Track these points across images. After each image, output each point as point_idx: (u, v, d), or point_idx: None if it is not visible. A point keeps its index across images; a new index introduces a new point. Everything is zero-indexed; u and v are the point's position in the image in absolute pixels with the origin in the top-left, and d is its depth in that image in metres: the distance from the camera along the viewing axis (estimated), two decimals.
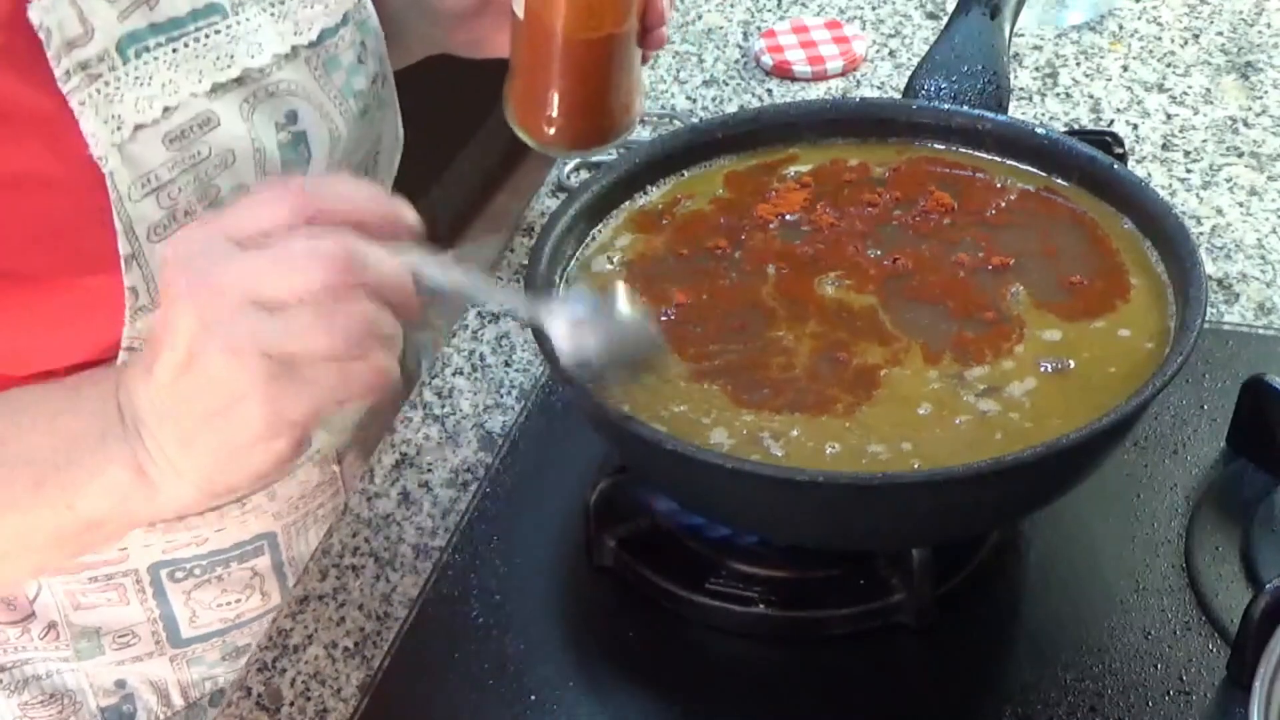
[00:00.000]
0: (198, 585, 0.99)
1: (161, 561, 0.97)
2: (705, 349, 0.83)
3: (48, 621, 0.99)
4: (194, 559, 0.98)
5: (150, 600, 0.99)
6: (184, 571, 0.98)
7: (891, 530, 0.80)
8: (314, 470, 1.01)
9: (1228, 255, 1.07)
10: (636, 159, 0.94)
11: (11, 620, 0.98)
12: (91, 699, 1.02)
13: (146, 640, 1.01)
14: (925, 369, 0.81)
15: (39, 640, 0.99)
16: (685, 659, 0.83)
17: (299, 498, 1.00)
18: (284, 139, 0.89)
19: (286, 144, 0.90)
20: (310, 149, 0.91)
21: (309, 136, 0.91)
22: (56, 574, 0.96)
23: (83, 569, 0.96)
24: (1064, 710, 0.79)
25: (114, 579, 0.97)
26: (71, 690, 1.02)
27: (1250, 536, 0.85)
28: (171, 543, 0.97)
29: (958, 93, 0.98)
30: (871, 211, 0.92)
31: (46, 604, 0.98)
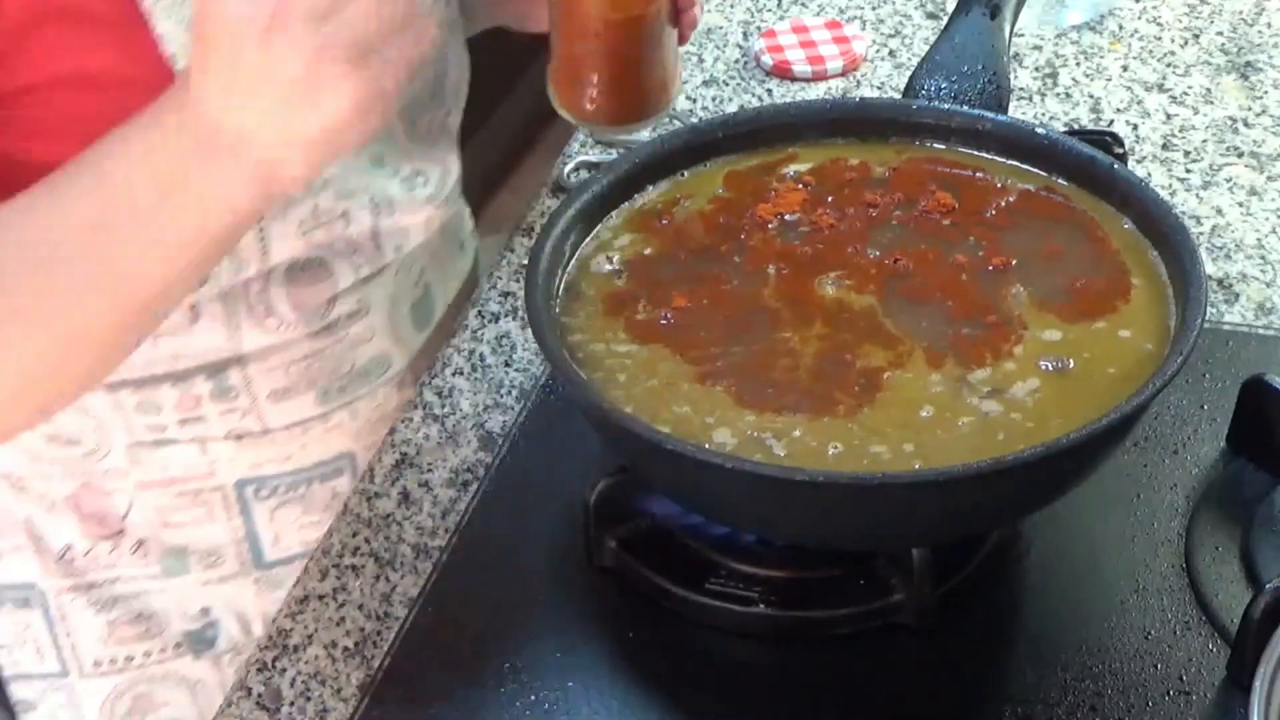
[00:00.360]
0: (281, 504, 1.03)
1: (247, 478, 1.01)
2: (708, 351, 0.83)
3: (137, 539, 1.02)
4: (278, 476, 1.02)
5: (236, 518, 1.02)
6: (268, 490, 1.02)
7: (891, 530, 0.80)
8: (392, 392, 1.04)
9: (1228, 255, 1.07)
10: (636, 159, 0.94)
11: (103, 535, 1.01)
12: (176, 622, 1.05)
13: (231, 561, 1.04)
14: (928, 371, 0.81)
15: (129, 556, 1.02)
16: (685, 659, 0.83)
17: (377, 419, 1.04)
18: None
19: None
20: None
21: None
22: (148, 489, 0.99)
23: (172, 483, 1.00)
24: (1064, 710, 0.79)
25: (201, 494, 1.01)
26: (157, 612, 1.05)
27: (1250, 536, 0.85)
28: (257, 458, 1.01)
29: (958, 93, 0.98)
30: (872, 212, 0.92)
31: (136, 521, 1.01)
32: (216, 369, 0.96)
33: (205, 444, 0.99)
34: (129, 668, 1.06)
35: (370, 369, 1.03)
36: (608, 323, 0.86)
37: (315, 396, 1.01)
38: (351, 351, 1.01)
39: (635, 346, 0.84)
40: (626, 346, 0.84)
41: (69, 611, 1.04)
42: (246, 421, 0.99)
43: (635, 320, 0.85)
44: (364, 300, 1.00)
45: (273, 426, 1.00)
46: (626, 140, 1.15)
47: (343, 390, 1.02)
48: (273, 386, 0.99)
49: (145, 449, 0.99)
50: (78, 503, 1.00)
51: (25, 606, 1.04)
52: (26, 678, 1.07)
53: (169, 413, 0.97)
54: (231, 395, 0.98)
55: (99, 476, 1.00)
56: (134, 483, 1.00)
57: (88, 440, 0.98)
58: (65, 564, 1.03)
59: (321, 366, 1.00)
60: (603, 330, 0.85)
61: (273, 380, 0.98)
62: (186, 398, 0.97)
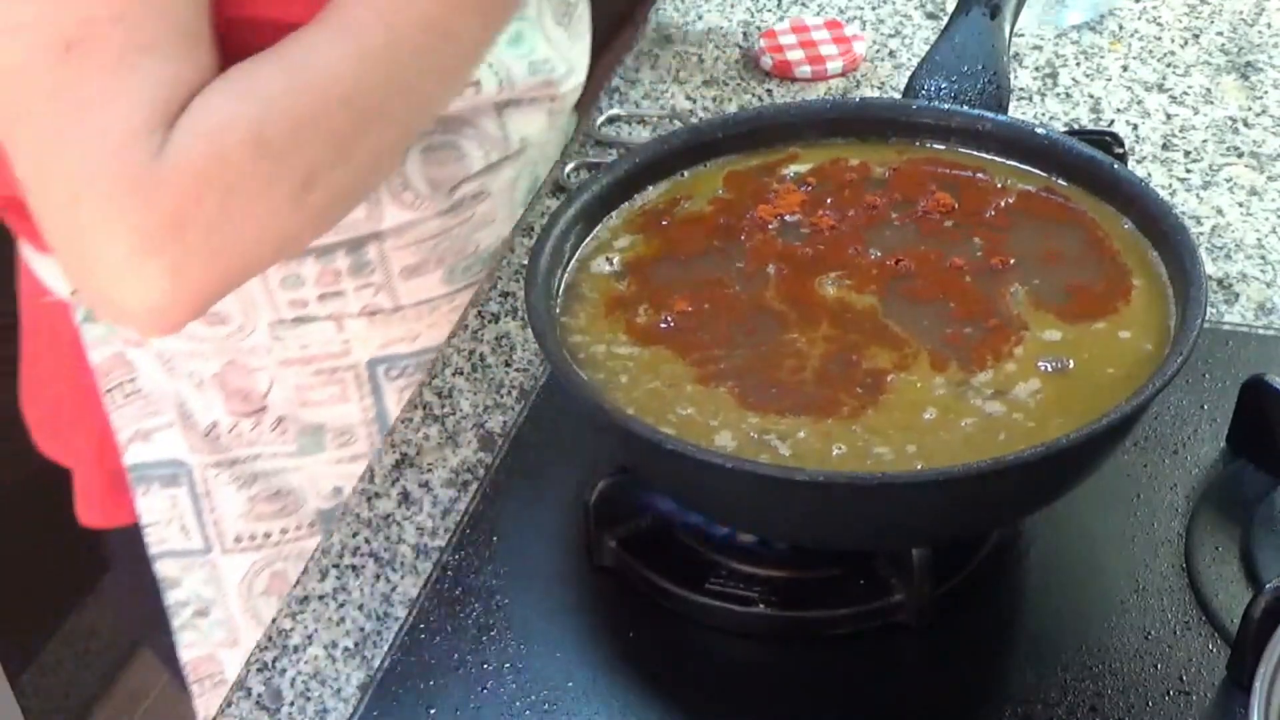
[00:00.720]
0: (409, 384, 1.09)
1: (378, 358, 1.08)
2: (711, 353, 0.83)
3: (277, 416, 1.09)
4: (406, 356, 1.09)
5: (367, 398, 1.09)
6: (397, 370, 1.09)
7: (891, 530, 0.80)
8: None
9: (1228, 255, 1.07)
10: (636, 159, 0.94)
11: (246, 413, 1.08)
12: (311, 500, 1.12)
13: (362, 441, 1.10)
14: (931, 373, 0.81)
15: (269, 434, 1.09)
16: (685, 659, 0.83)
17: None
18: None
19: None
20: None
21: None
22: (288, 367, 1.07)
23: (310, 362, 1.07)
24: (1064, 710, 0.79)
25: (336, 373, 1.08)
26: (294, 489, 1.11)
27: (1250, 536, 0.85)
28: (387, 337, 1.08)
29: (958, 93, 0.98)
30: (872, 212, 0.92)
31: (276, 399, 1.08)
32: (356, 244, 1.04)
33: (341, 321, 1.07)
34: (266, 544, 1.12)
35: (493, 251, 1.11)
36: (609, 325, 0.85)
37: (442, 275, 1.08)
38: (476, 233, 1.09)
39: (637, 349, 0.84)
40: (629, 349, 0.84)
41: (213, 487, 1.11)
42: (380, 298, 1.07)
43: (637, 323, 0.85)
44: (487, 184, 1.08)
45: (403, 304, 1.07)
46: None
47: (467, 270, 1.10)
48: (404, 263, 1.06)
49: (286, 327, 1.06)
50: (224, 381, 1.07)
51: (173, 484, 1.11)
52: (172, 555, 1.13)
53: (310, 287, 1.04)
54: (368, 270, 1.05)
55: (244, 355, 1.07)
56: (275, 361, 1.07)
57: (235, 318, 1.05)
58: (211, 441, 1.09)
59: (449, 245, 1.07)
60: (604, 332, 0.85)
61: (405, 257, 1.06)
62: (327, 272, 1.04)
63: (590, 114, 1.23)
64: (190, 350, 1.06)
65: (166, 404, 1.08)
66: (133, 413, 1.09)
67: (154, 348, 1.07)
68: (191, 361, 1.07)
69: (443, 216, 1.06)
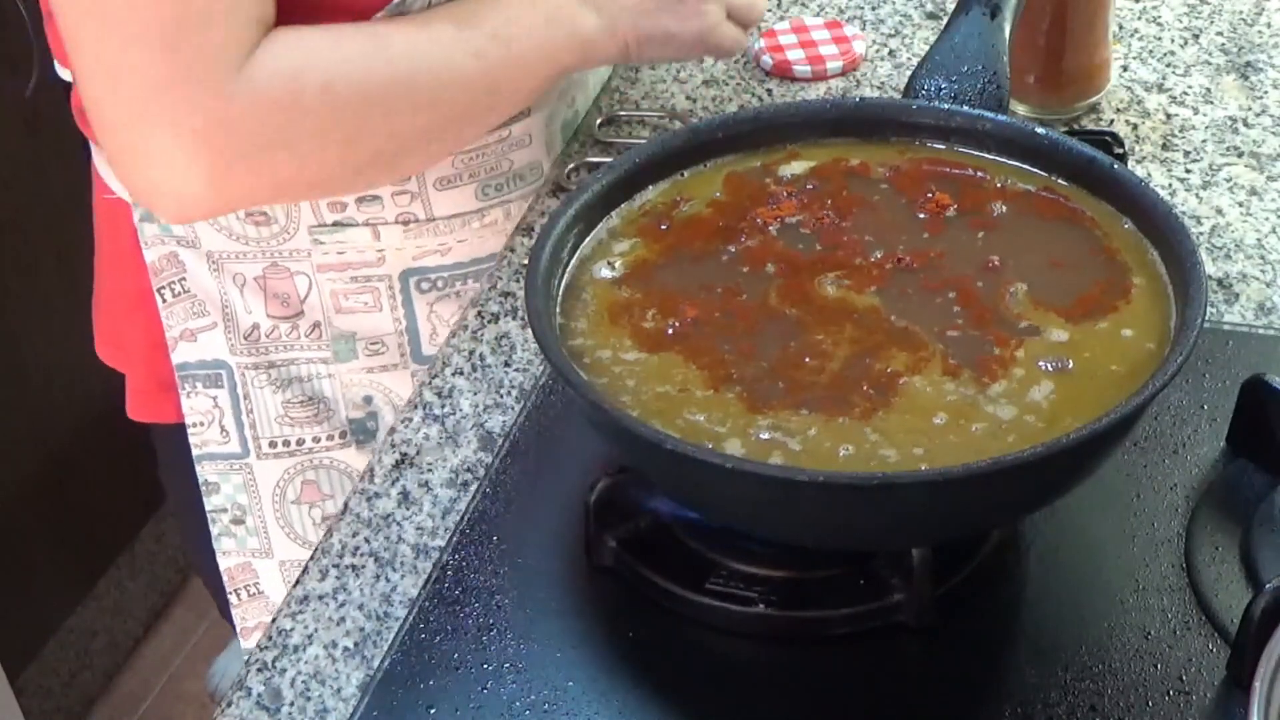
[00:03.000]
0: (439, 298, 1.15)
1: (411, 269, 1.13)
2: (719, 357, 0.83)
3: (314, 320, 1.14)
4: (438, 269, 1.14)
5: (399, 309, 1.14)
6: (429, 283, 1.14)
7: (891, 530, 0.80)
8: (543, 200, 1.14)
9: (1228, 255, 1.07)
10: (636, 159, 0.94)
11: (285, 315, 1.14)
12: (342, 409, 1.17)
13: (393, 351, 1.15)
14: (939, 375, 0.81)
15: (305, 338, 1.15)
16: (685, 659, 0.83)
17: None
18: None
19: None
20: None
21: None
22: (325, 271, 1.13)
23: (346, 268, 1.12)
24: (1064, 710, 0.79)
25: (371, 281, 1.13)
26: (327, 397, 1.17)
27: (1250, 536, 0.85)
28: (420, 249, 1.12)
29: (958, 93, 0.98)
30: (872, 212, 0.92)
31: (314, 304, 1.14)
32: None
33: (377, 228, 1.11)
34: (299, 451, 1.18)
35: (525, 173, 1.14)
36: (612, 329, 0.85)
37: (475, 190, 1.12)
38: (510, 152, 1.13)
39: (642, 354, 0.84)
40: (634, 354, 0.84)
41: (251, 389, 1.16)
42: (415, 207, 1.11)
43: (640, 327, 0.85)
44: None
45: (437, 215, 1.11)
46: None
47: (499, 189, 1.13)
48: (440, 174, 1.10)
49: (326, 230, 1.11)
50: (265, 283, 1.13)
51: (215, 385, 1.17)
52: (211, 458, 1.19)
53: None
54: (405, 178, 1.09)
55: (284, 257, 1.12)
56: (314, 265, 1.12)
57: (279, 219, 1.10)
58: (251, 342, 1.15)
59: (482, 161, 1.12)
60: (607, 336, 0.85)
61: (441, 168, 1.10)
62: None
63: (590, 114, 1.23)
64: (237, 251, 1.12)
65: (212, 304, 1.14)
66: (181, 311, 1.15)
67: (204, 247, 1.12)
68: (238, 263, 1.12)
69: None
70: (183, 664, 2.22)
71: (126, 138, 0.95)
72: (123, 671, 2.22)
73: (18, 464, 2.00)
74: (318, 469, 1.18)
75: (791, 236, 0.90)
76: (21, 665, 2.02)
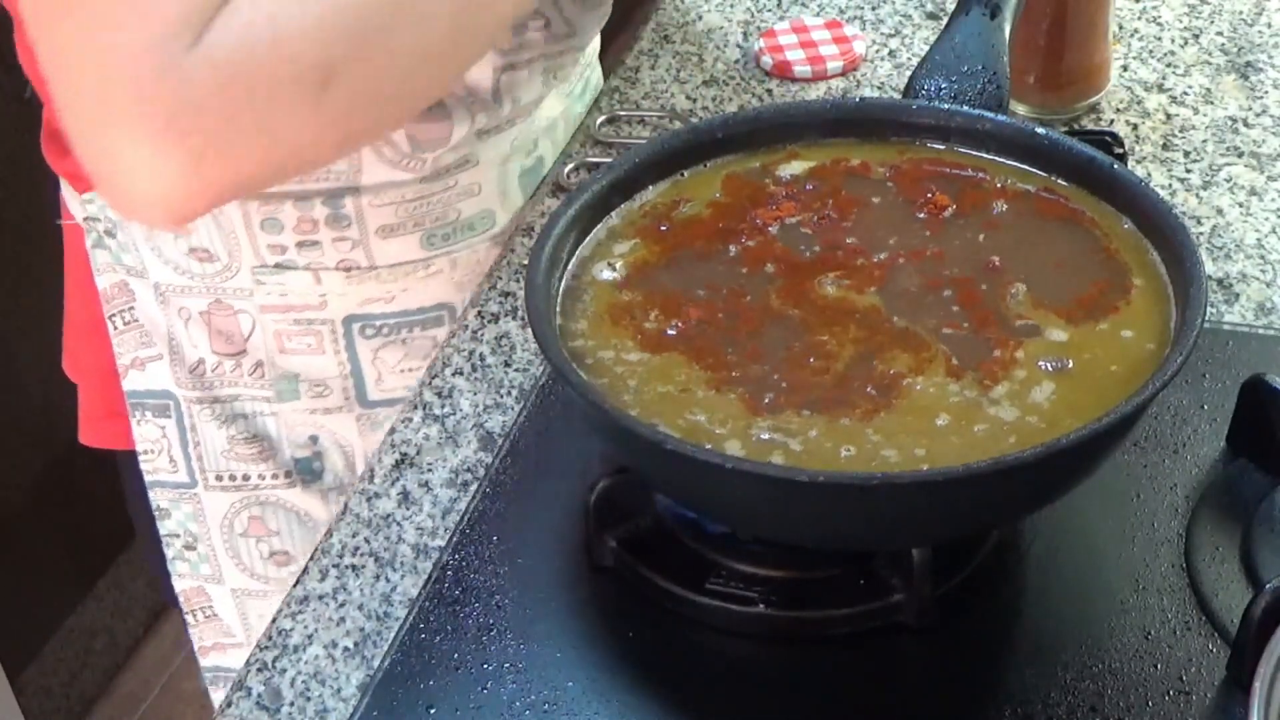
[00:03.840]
0: (384, 345, 1.11)
1: (354, 315, 1.10)
2: (720, 357, 0.83)
3: (256, 359, 1.11)
4: (382, 316, 1.10)
5: (343, 353, 1.11)
6: (373, 329, 1.11)
7: (891, 530, 0.80)
8: (492, 251, 1.11)
9: (1228, 255, 1.07)
10: (636, 159, 0.94)
11: (229, 352, 1.12)
12: (287, 448, 1.15)
13: (337, 394, 1.13)
14: (947, 379, 0.81)
15: (248, 376, 1.12)
16: (685, 659, 0.83)
17: (478, 275, 1.11)
18: None
19: None
20: None
21: None
22: (267, 313, 1.10)
23: (289, 310, 1.09)
24: (1064, 710, 0.79)
25: (314, 325, 1.10)
26: (271, 435, 1.14)
27: (1250, 536, 0.85)
28: (363, 295, 1.09)
29: (958, 93, 0.98)
30: (872, 213, 0.92)
31: (256, 343, 1.11)
32: (334, 195, 1.05)
33: (319, 273, 1.08)
34: (245, 486, 1.16)
35: (475, 222, 1.11)
36: (613, 330, 0.85)
37: (420, 239, 1.09)
38: (459, 201, 1.09)
39: (644, 354, 0.84)
40: (635, 354, 0.84)
41: (198, 422, 1.14)
42: (356, 254, 1.08)
43: (641, 327, 0.85)
44: (474, 154, 1.08)
45: (379, 263, 1.08)
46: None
47: (446, 238, 1.10)
48: (382, 222, 1.07)
49: (268, 271, 1.08)
50: (210, 319, 1.11)
51: (163, 415, 1.15)
52: (162, 485, 1.18)
53: (289, 233, 1.06)
54: (344, 224, 1.06)
55: (228, 295, 1.09)
56: (256, 305, 1.09)
57: (221, 257, 1.08)
58: (197, 376, 1.13)
59: (428, 210, 1.08)
60: (608, 336, 0.85)
61: (382, 216, 1.07)
62: (305, 220, 1.06)
63: (590, 114, 1.23)
64: (182, 285, 1.10)
65: (159, 336, 1.13)
66: (131, 340, 1.14)
67: (151, 279, 1.10)
68: (183, 297, 1.10)
69: (424, 182, 1.06)
70: (183, 664, 2.22)
71: (94, 144, 0.87)
72: (123, 671, 2.22)
73: (19, 464, 2.01)
74: (264, 505, 1.17)
75: (791, 237, 0.90)
76: (21, 665, 2.02)
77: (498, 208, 1.12)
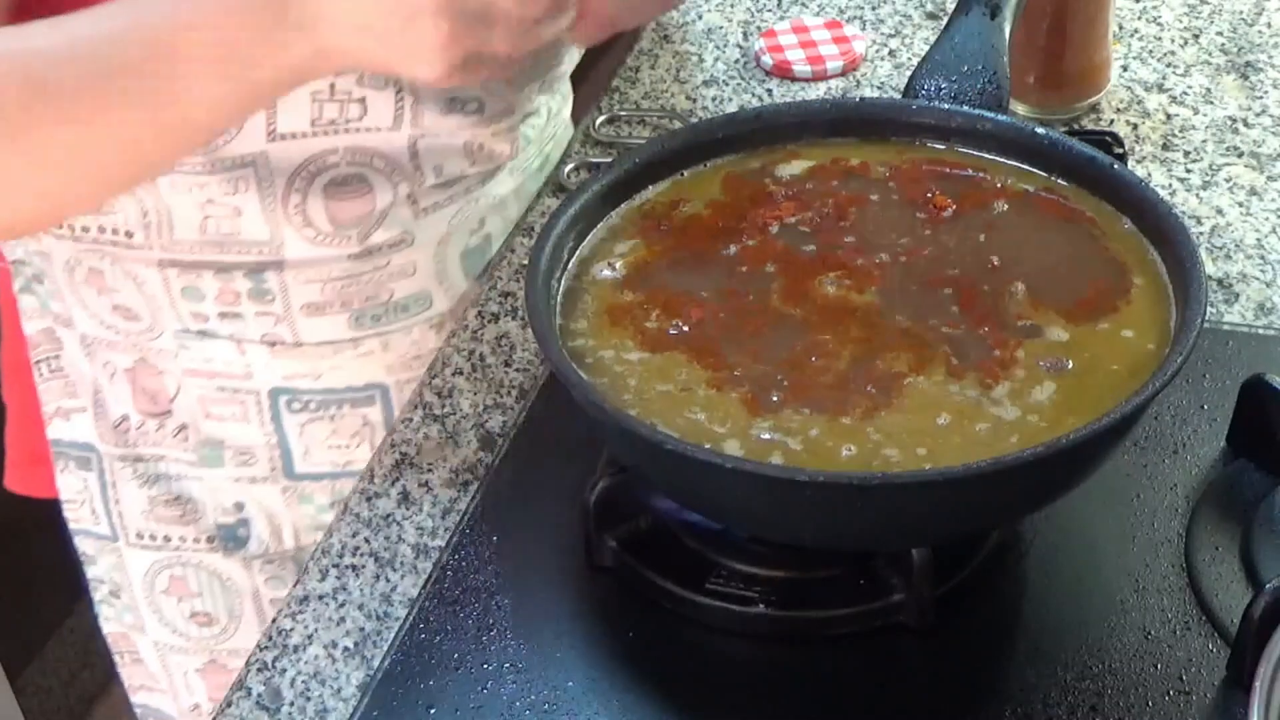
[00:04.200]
0: (312, 420, 1.07)
1: (281, 388, 1.05)
2: (720, 357, 0.83)
3: (180, 422, 1.07)
4: (309, 392, 1.06)
5: (268, 424, 1.06)
6: (300, 403, 1.06)
7: (891, 530, 0.80)
8: (430, 334, 1.06)
9: (1228, 255, 1.07)
10: (636, 159, 0.94)
11: (153, 413, 1.07)
12: (211, 513, 1.10)
13: (263, 464, 1.08)
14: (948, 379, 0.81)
15: (171, 438, 1.08)
16: (685, 659, 0.83)
17: (412, 357, 1.06)
18: None
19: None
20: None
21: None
22: (193, 377, 1.05)
23: (214, 377, 1.05)
24: (1064, 710, 0.79)
25: (239, 394, 1.06)
26: (194, 499, 1.10)
27: (1250, 536, 0.85)
28: (289, 370, 1.05)
29: (958, 93, 0.98)
30: (871, 212, 0.92)
31: (181, 405, 1.07)
32: (256, 269, 1.01)
33: (242, 344, 1.04)
34: (166, 547, 1.11)
35: (409, 304, 1.05)
36: (613, 329, 0.85)
37: (348, 319, 1.04)
38: (390, 282, 1.04)
39: (644, 354, 0.84)
40: (636, 354, 0.84)
41: (119, 479, 1.10)
42: (280, 329, 1.04)
43: (642, 327, 0.85)
44: (409, 232, 1.02)
45: (304, 340, 1.04)
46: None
47: (377, 319, 1.05)
48: (307, 300, 1.02)
49: (191, 337, 1.04)
50: (134, 376, 1.06)
51: (85, 467, 1.11)
52: (87, 534, 1.14)
53: (210, 303, 1.03)
54: (268, 298, 1.02)
55: (154, 355, 1.06)
56: (181, 368, 1.05)
57: (144, 317, 1.04)
58: (120, 433, 1.09)
59: (357, 290, 1.03)
60: (609, 336, 0.85)
61: (307, 293, 1.02)
62: (227, 290, 1.02)
63: (590, 114, 1.23)
64: (108, 340, 1.06)
65: (84, 388, 1.09)
66: (56, 388, 1.10)
67: (78, 329, 1.07)
68: (109, 351, 1.07)
69: (354, 260, 1.02)
70: None
71: None
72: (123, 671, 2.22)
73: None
74: (185, 566, 1.12)
75: (791, 236, 0.90)
76: (21, 665, 2.02)
77: (435, 289, 1.06)
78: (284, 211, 0.98)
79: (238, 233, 0.99)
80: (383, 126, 0.96)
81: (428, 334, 1.06)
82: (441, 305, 1.06)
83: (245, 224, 0.98)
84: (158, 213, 0.98)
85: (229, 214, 0.98)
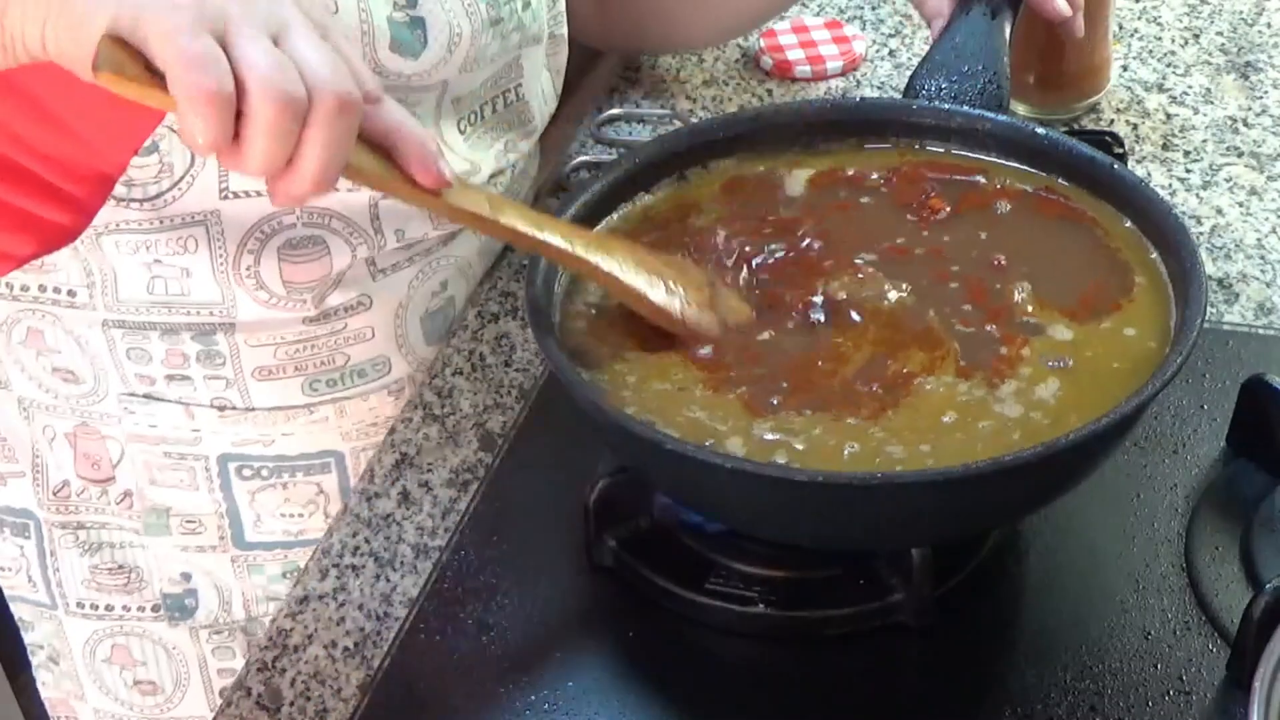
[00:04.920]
0: (263, 487, 1.03)
1: (230, 454, 1.01)
2: (721, 357, 0.83)
3: (125, 489, 1.03)
4: (260, 459, 1.02)
5: (217, 491, 1.03)
6: (251, 470, 1.02)
7: (891, 530, 0.80)
8: (388, 400, 1.03)
9: (1228, 255, 1.07)
10: (636, 159, 0.94)
11: (95, 479, 1.03)
12: (156, 582, 1.06)
13: (212, 532, 1.04)
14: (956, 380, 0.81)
15: (115, 505, 1.04)
16: (685, 659, 0.83)
17: (369, 424, 1.03)
18: (399, 18, 0.90)
19: (401, 24, 0.90)
20: (427, 36, 0.92)
21: (427, 24, 0.92)
22: (137, 442, 1.01)
23: (160, 442, 1.01)
24: (1064, 710, 0.79)
25: (186, 460, 1.02)
26: (139, 567, 1.06)
27: (1250, 536, 0.85)
28: (239, 436, 1.01)
29: (958, 93, 0.98)
30: (872, 215, 0.92)
31: (125, 471, 1.03)
32: (204, 330, 0.97)
33: (190, 408, 1.00)
34: (109, 616, 1.08)
35: (366, 369, 1.01)
36: (613, 329, 0.85)
37: (302, 384, 1.00)
38: (346, 347, 1.00)
39: (644, 353, 0.84)
40: (635, 354, 0.84)
41: (59, 547, 1.07)
42: (230, 394, 1.00)
43: (643, 326, 0.85)
44: (367, 294, 0.99)
45: (256, 405, 1.00)
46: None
47: (332, 384, 1.01)
48: (259, 363, 0.98)
49: (137, 401, 1.00)
50: (76, 441, 1.03)
51: (22, 534, 1.08)
52: (24, 601, 1.11)
53: (157, 365, 0.99)
54: (217, 361, 0.98)
55: (96, 419, 1.02)
56: (125, 433, 1.01)
57: (87, 379, 1.00)
58: (60, 499, 1.05)
59: (312, 355, 0.99)
60: (608, 336, 0.85)
61: (260, 357, 0.98)
62: (174, 353, 0.98)
63: (590, 114, 1.23)
64: (47, 404, 1.02)
65: (23, 452, 1.05)
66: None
67: (15, 391, 1.03)
68: (48, 415, 1.03)
69: (308, 324, 0.98)
70: None
71: None
72: None
73: None
74: (129, 635, 1.09)
75: (792, 238, 0.90)
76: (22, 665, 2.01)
77: (394, 354, 1.02)
78: (236, 273, 0.94)
79: (187, 294, 0.95)
80: (342, 187, 0.88)
81: (386, 400, 1.02)
82: (400, 370, 1.02)
83: (194, 285, 0.95)
84: (102, 272, 0.95)
85: (177, 275, 0.95)
